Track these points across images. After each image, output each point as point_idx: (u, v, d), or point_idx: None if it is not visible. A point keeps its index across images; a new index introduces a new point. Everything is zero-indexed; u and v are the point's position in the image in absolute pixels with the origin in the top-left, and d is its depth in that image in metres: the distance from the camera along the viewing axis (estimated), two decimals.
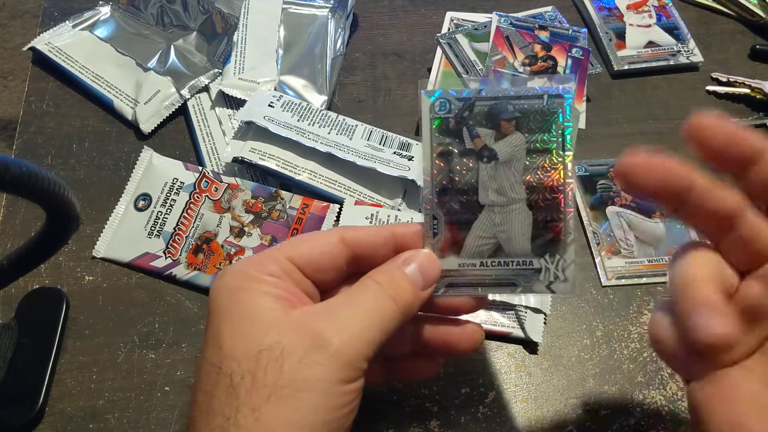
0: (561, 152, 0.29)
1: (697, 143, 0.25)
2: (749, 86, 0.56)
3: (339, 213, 0.46)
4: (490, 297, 0.40)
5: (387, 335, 0.27)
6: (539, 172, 0.29)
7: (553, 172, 0.29)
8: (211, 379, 0.25)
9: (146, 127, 0.51)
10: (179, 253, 0.44)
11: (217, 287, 0.28)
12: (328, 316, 0.26)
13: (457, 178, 0.29)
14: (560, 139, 0.29)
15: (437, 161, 0.29)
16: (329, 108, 0.53)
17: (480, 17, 0.58)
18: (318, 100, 0.52)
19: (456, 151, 0.29)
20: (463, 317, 0.32)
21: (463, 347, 0.32)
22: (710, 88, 0.57)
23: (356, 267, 0.30)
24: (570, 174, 0.29)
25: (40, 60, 0.54)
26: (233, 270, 0.28)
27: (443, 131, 0.29)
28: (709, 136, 0.24)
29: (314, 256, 0.29)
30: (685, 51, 0.58)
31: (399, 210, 0.46)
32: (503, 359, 0.42)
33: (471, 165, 0.29)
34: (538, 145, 0.29)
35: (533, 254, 0.30)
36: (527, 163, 0.29)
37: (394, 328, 0.28)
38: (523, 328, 0.42)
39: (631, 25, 0.60)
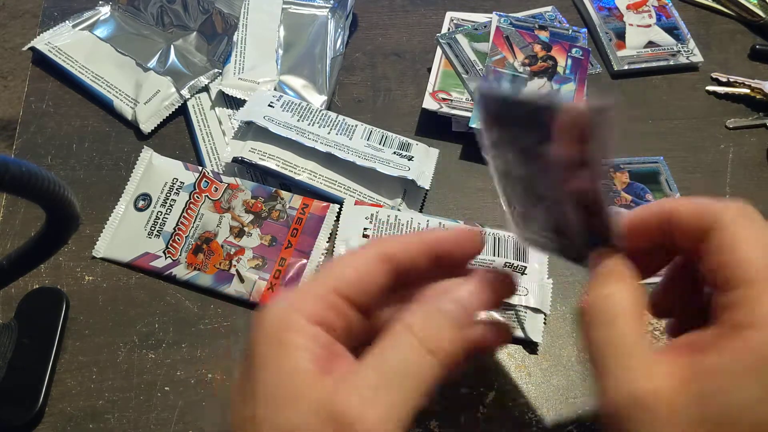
0: None
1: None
2: (749, 86, 0.56)
3: (339, 213, 0.46)
4: None
5: (429, 393, 0.24)
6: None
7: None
8: None
9: (146, 127, 0.51)
10: (179, 253, 0.44)
11: (259, 329, 0.25)
12: (356, 393, 0.22)
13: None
14: None
15: None
16: (329, 108, 0.53)
17: (480, 17, 0.58)
18: (318, 100, 0.52)
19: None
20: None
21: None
22: (710, 88, 0.57)
23: (398, 280, 0.28)
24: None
25: (40, 60, 0.54)
26: (278, 312, 0.25)
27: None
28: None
29: (359, 280, 0.26)
30: (685, 51, 0.58)
31: (399, 210, 0.46)
32: (503, 359, 0.42)
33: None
34: None
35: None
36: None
37: (437, 382, 0.24)
38: (523, 328, 0.42)
39: (631, 25, 0.60)
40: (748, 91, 0.56)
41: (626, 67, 0.57)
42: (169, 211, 0.45)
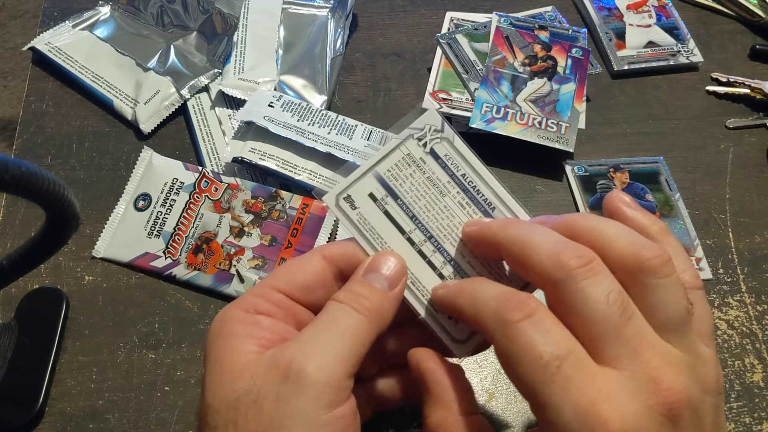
0: None
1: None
2: (749, 86, 0.56)
3: None
4: None
5: (364, 346, 0.26)
6: None
7: None
8: None
9: (146, 127, 0.51)
10: (179, 253, 0.44)
11: (209, 333, 0.28)
12: (297, 346, 0.26)
13: None
14: None
15: None
16: (329, 108, 0.53)
17: (480, 17, 0.58)
18: (318, 100, 0.52)
19: None
20: None
21: None
22: (710, 88, 0.57)
23: (344, 281, 0.30)
24: None
25: (40, 60, 0.54)
26: (220, 314, 0.28)
27: None
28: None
29: (300, 278, 0.29)
30: (684, 51, 0.58)
31: None
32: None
33: None
34: None
35: None
36: None
37: (370, 337, 0.27)
38: None
39: (631, 25, 0.60)
40: (748, 91, 0.56)
41: (626, 67, 0.57)
42: (169, 211, 0.45)
